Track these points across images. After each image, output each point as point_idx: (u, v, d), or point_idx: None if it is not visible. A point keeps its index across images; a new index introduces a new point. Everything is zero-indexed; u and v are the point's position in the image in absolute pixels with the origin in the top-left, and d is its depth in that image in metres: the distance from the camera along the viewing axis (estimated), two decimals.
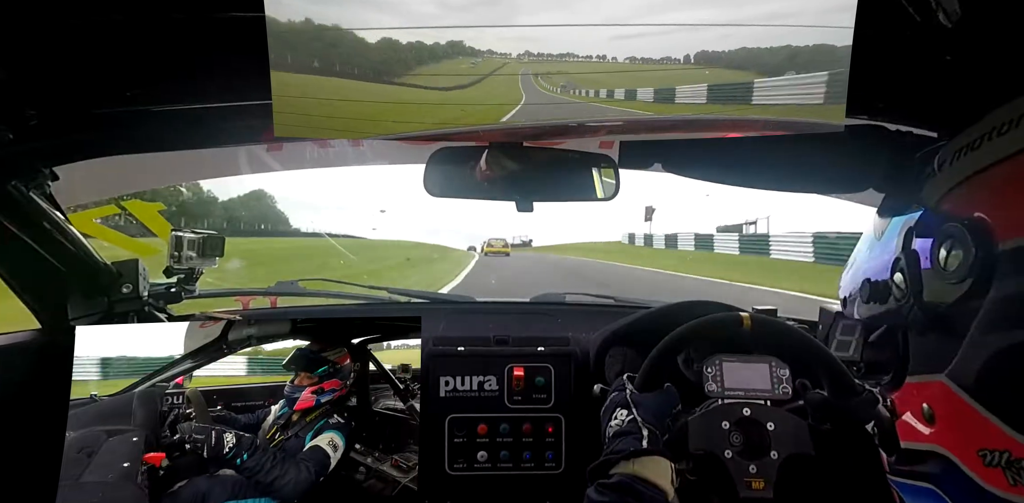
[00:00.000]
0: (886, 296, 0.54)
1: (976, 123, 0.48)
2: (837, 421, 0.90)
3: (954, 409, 0.44)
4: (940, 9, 0.59)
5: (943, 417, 0.46)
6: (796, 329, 0.96)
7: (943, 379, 0.45)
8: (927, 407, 0.48)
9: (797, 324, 1.06)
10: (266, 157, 1.76)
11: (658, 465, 0.75)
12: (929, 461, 0.48)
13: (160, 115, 0.91)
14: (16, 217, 1.03)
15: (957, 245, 0.45)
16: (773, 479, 0.84)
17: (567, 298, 1.74)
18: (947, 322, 0.46)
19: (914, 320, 0.51)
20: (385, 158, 1.82)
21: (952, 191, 0.48)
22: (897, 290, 0.52)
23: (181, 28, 0.70)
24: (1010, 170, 0.44)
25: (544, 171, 1.01)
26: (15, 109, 0.82)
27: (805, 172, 0.95)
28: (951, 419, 0.45)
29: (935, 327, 0.49)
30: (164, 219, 1.45)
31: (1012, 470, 0.38)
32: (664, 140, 0.95)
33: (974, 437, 0.42)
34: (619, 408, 0.87)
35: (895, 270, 0.52)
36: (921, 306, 0.49)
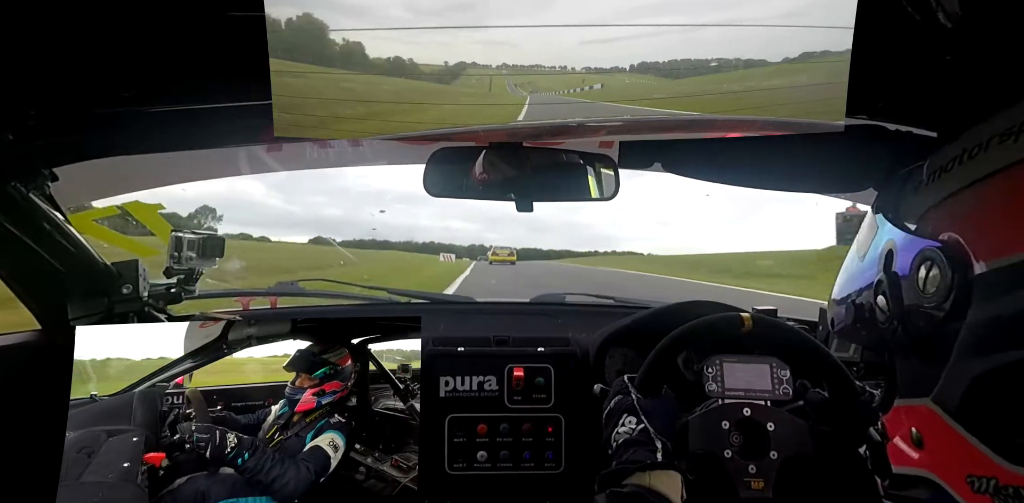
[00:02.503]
0: (872, 319, 0.53)
1: (953, 142, 0.48)
2: (837, 422, 0.90)
3: (941, 434, 0.43)
4: (940, 9, 0.59)
5: (931, 442, 0.46)
6: (797, 329, 0.96)
7: (929, 403, 0.45)
8: (915, 431, 0.47)
9: (797, 324, 1.06)
10: (266, 157, 1.76)
11: (672, 480, 0.76)
12: (920, 486, 0.47)
13: (160, 115, 0.91)
14: (16, 217, 1.03)
15: (935, 267, 0.44)
16: (772, 480, 0.84)
17: (567, 298, 1.74)
18: (931, 345, 0.46)
19: (899, 343, 0.50)
20: (385, 158, 1.82)
21: (931, 210, 0.48)
22: (880, 313, 0.51)
23: (181, 28, 0.70)
24: (983, 192, 0.43)
25: (544, 171, 1.01)
26: (15, 109, 0.82)
27: (805, 172, 0.95)
28: (939, 444, 0.44)
29: (919, 350, 0.48)
30: (164, 219, 1.45)
31: (1000, 497, 0.37)
32: (664, 140, 0.95)
33: (961, 463, 0.41)
34: (627, 414, 0.86)
35: (878, 292, 0.51)
36: (905, 329, 0.48)
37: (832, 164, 0.91)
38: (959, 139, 0.47)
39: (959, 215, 0.45)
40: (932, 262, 0.44)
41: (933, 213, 0.47)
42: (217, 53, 0.76)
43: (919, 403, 0.46)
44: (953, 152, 0.47)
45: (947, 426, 0.43)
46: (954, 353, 0.43)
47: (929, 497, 0.46)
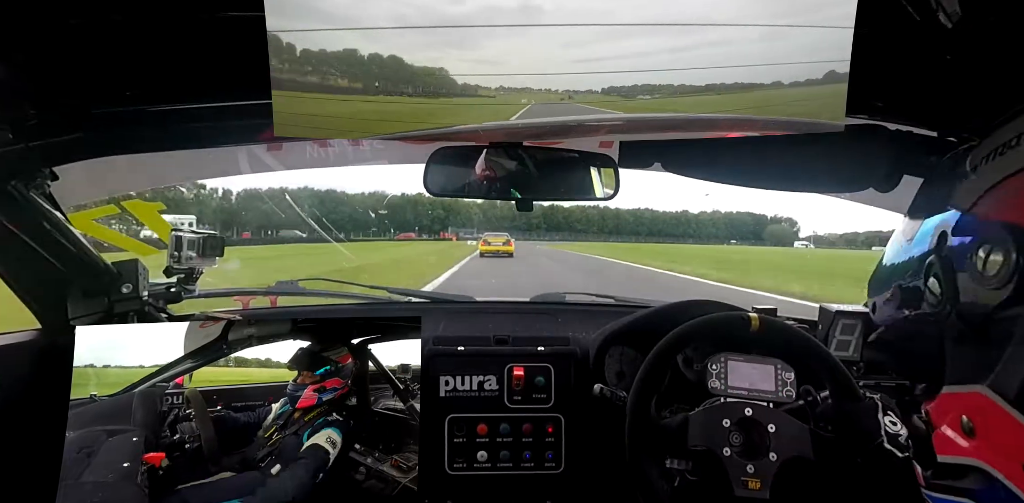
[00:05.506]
0: (919, 302, 0.52)
1: (1009, 123, 0.47)
2: (838, 427, 0.90)
3: (996, 421, 0.42)
4: (940, 9, 0.59)
5: (984, 429, 0.44)
6: (800, 331, 0.96)
7: (983, 390, 0.44)
8: (966, 419, 0.46)
9: (797, 324, 1.06)
10: (266, 157, 1.76)
11: None
12: (969, 475, 0.46)
13: (160, 115, 0.91)
14: (16, 217, 1.03)
15: (997, 249, 0.43)
16: (770, 480, 0.84)
17: (567, 298, 1.74)
18: (987, 329, 0.45)
19: (950, 327, 0.49)
20: (385, 158, 1.82)
21: (989, 192, 0.46)
22: (931, 296, 0.49)
23: (181, 28, 0.70)
24: None
25: (544, 170, 1.01)
26: (15, 109, 0.82)
27: (805, 171, 0.95)
28: (992, 431, 0.43)
29: (974, 334, 0.47)
30: (164, 219, 1.45)
31: None
32: (664, 140, 0.95)
33: (1017, 450, 0.40)
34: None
35: (928, 275, 0.49)
36: (958, 312, 0.47)
37: (832, 164, 0.91)
38: (1005, 127, 0.46)
39: (1017, 200, 0.43)
40: (994, 243, 0.43)
41: (989, 197, 0.46)
42: (217, 53, 0.76)
43: (971, 390, 0.45)
44: (1008, 133, 0.45)
45: (1004, 412, 0.41)
46: (1015, 337, 0.41)
47: (979, 486, 0.44)
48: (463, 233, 36.98)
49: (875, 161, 0.89)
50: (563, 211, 70.66)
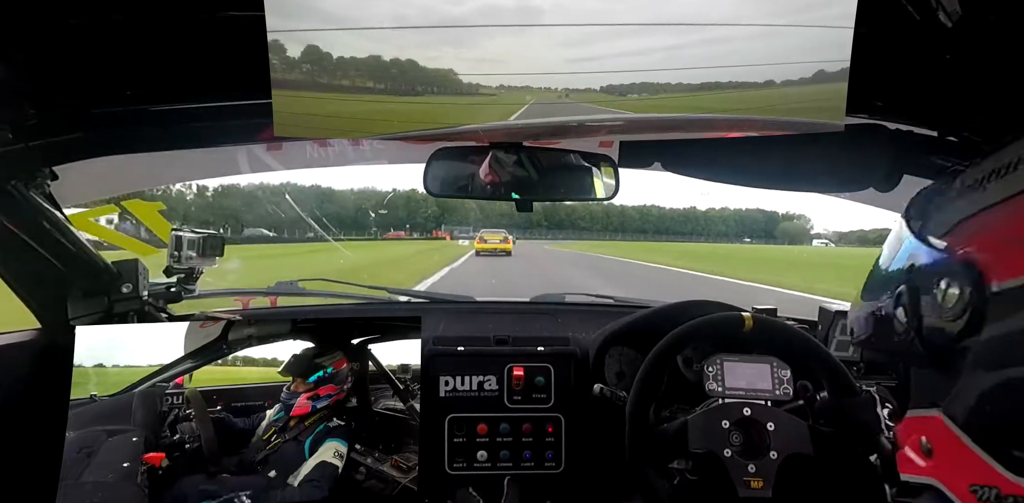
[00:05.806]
0: (890, 330, 0.54)
1: (987, 159, 0.48)
2: (837, 422, 0.90)
3: (949, 444, 0.44)
4: (940, 8, 0.59)
5: (940, 451, 0.46)
6: (796, 329, 0.96)
7: (940, 414, 0.46)
8: (925, 441, 0.48)
9: (796, 324, 1.06)
10: (266, 157, 1.76)
11: None
12: (925, 494, 0.48)
13: (160, 114, 0.91)
14: (16, 217, 1.03)
15: (954, 282, 0.45)
16: (772, 479, 0.84)
17: (567, 298, 1.74)
18: (946, 357, 0.47)
19: (914, 354, 0.51)
20: (385, 158, 1.82)
21: (959, 224, 0.48)
22: (899, 324, 0.52)
23: (181, 28, 0.70)
24: (1011, 209, 0.44)
25: (544, 171, 1.01)
26: (15, 109, 0.82)
27: (805, 171, 0.95)
28: (946, 453, 0.45)
29: (935, 361, 0.49)
30: (164, 219, 1.45)
31: None
32: (664, 140, 0.95)
33: (967, 472, 0.42)
34: None
35: (898, 304, 0.52)
36: (921, 340, 0.49)
37: (832, 164, 0.91)
38: (997, 153, 0.47)
39: (986, 231, 0.45)
40: (952, 276, 0.45)
41: (962, 227, 0.47)
42: (217, 53, 0.76)
43: (931, 413, 0.47)
44: (991, 165, 0.47)
45: (955, 436, 0.44)
46: (966, 366, 0.43)
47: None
48: (458, 231, 36.41)
49: (875, 161, 0.89)
50: (566, 208, 69.84)
